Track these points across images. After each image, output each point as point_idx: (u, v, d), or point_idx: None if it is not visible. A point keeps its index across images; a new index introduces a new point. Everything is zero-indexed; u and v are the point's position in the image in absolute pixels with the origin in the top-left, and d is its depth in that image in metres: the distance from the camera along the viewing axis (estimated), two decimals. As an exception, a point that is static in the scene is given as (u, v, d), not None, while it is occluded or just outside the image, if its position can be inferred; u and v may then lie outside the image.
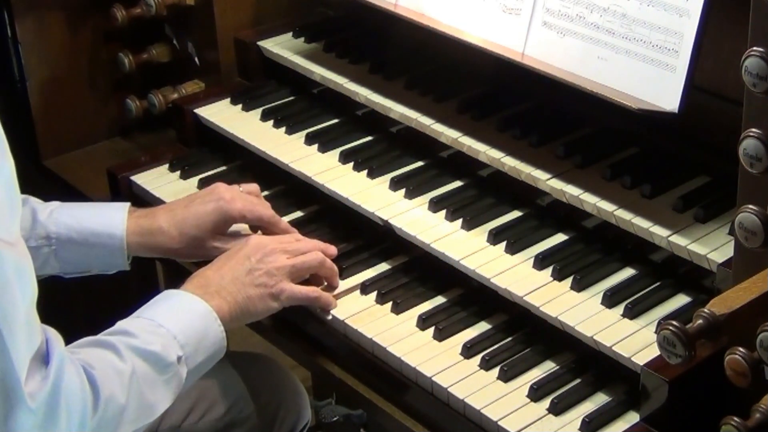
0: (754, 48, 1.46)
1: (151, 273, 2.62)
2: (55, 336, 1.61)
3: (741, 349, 1.44)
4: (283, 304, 1.97)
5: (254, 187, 2.18)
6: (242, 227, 2.14)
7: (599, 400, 1.79)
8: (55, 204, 2.10)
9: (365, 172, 2.24)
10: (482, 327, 1.94)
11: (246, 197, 2.12)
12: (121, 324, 1.80)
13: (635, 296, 1.87)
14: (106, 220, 2.07)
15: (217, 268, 1.95)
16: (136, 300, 1.87)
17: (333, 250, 2.08)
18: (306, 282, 2.02)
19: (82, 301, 2.84)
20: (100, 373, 1.65)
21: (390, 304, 1.99)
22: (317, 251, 2.03)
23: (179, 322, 1.81)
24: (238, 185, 2.15)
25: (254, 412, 2.26)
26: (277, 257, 1.98)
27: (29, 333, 1.54)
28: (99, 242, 2.06)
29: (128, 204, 2.12)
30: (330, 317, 1.99)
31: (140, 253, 2.10)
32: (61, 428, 1.58)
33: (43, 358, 1.57)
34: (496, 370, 1.84)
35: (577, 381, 1.82)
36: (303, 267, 2.00)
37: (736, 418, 1.42)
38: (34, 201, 2.08)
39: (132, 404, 1.69)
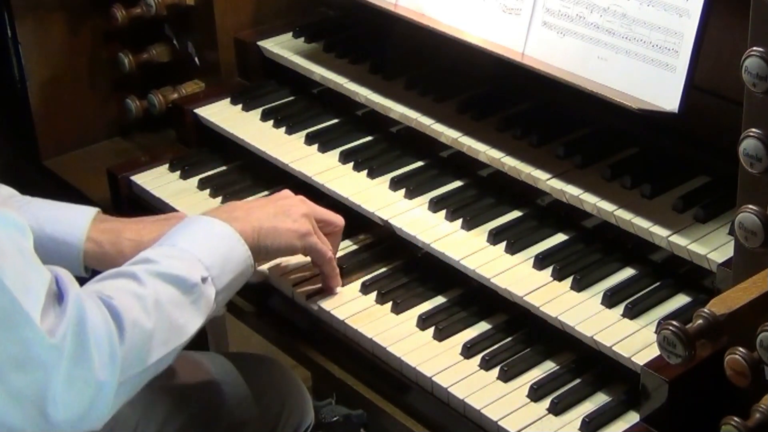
0: (754, 48, 1.46)
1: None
2: (65, 274, 1.60)
3: (741, 349, 1.45)
4: (304, 245, 1.97)
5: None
6: None
7: (599, 400, 1.79)
8: (28, 199, 2.02)
9: (365, 172, 2.24)
10: (482, 327, 1.94)
11: None
12: (143, 253, 1.79)
13: (635, 296, 1.87)
14: (68, 226, 1.96)
15: (247, 201, 1.98)
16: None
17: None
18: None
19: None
20: (120, 302, 1.64)
21: (390, 304, 1.99)
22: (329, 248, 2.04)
23: (202, 245, 1.82)
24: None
25: (258, 414, 2.26)
26: (303, 209, 1.99)
27: (30, 272, 1.54)
28: (56, 249, 1.94)
29: (96, 210, 2.00)
30: (330, 317, 1.99)
31: (95, 266, 1.95)
32: (94, 362, 1.58)
33: (56, 296, 1.57)
34: (496, 370, 1.84)
35: (577, 381, 1.82)
36: (317, 245, 1.99)
37: (736, 418, 1.42)
38: (12, 191, 2.01)
39: (160, 327, 1.68)
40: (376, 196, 2.18)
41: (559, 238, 2.04)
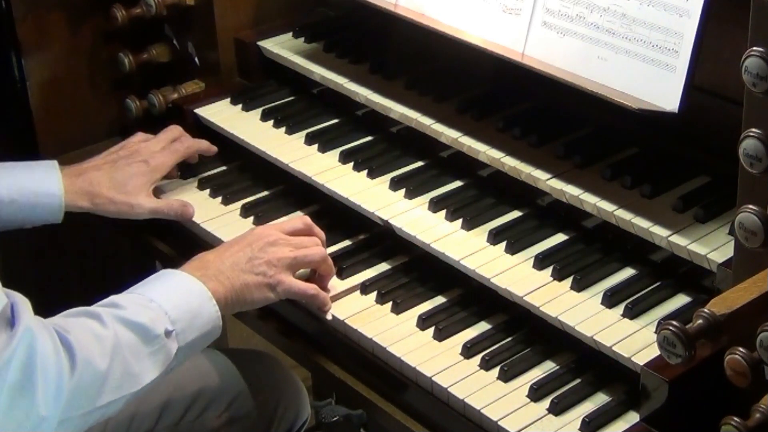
0: (754, 48, 1.45)
1: (149, 258, 2.64)
2: (21, 300, 1.61)
3: (741, 349, 1.44)
4: (279, 295, 1.98)
5: (175, 131, 2.37)
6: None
7: (599, 400, 1.79)
8: None
9: (365, 172, 2.24)
10: (482, 327, 1.94)
11: (166, 156, 2.28)
12: (111, 298, 1.81)
13: (635, 296, 1.87)
14: (43, 179, 2.18)
15: (219, 253, 1.97)
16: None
17: (322, 236, 2.10)
18: (306, 279, 2.03)
19: (77, 286, 2.86)
20: (76, 337, 1.65)
21: (390, 304, 1.99)
22: (320, 247, 2.04)
23: (172, 299, 1.82)
24: (144, 134, 2.36)
25: (254, 409, 2.27)
26: (279, 248, 1.98)
27: None
28: (39, 201, 2.16)
29: (56, 162, 2.23)
30: (330, 317, 1.99)
31: (73, 209, 2.20)
32: (37, 395, 1.58)
33: (9, 321, 1.57)
34: (496, 370, 1.84)
35: (577, 381, 1.82)
36: (304, 261, 2.00)
37: (736, 418, 1.42)
38: None
39: (115, 371, 1.69)
40: (376, 196, 2.18)
41: (559, 238, 2.04)
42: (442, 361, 1.87)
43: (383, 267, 2.10)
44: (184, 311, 1.82)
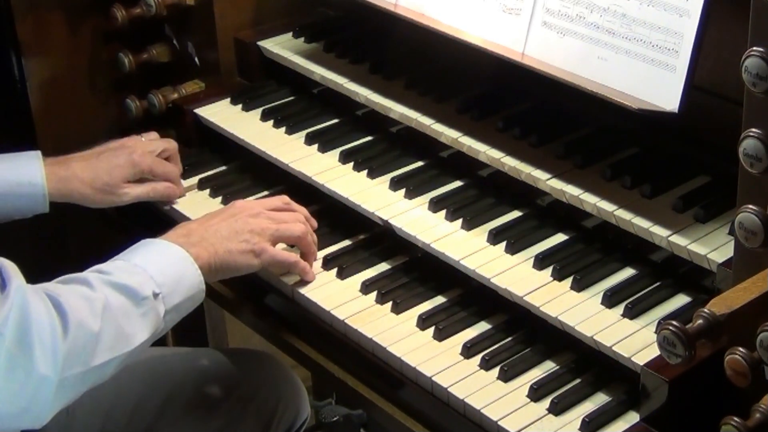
0: (754, 48, 1.46)
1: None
2: (9, 264, 1.62)
3: (741, 349, 1.44)
4: (263, 263, 2.00)
5: (153, 134, 2.37)
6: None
7: (599, 400, 1.79)
8: None
9: (365, 172, 2.24)
10: (482, 327, 1.94)
11: (154, 159, 2.27)
12: (96, 266, 1.82)
13: (635, 296, 1.87)
14: (25, 169, 2.17)
15: (202, 221, 2.00)
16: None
17: (314, 223, 2.12)
18: None
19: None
20: (66, 300, 1.67)
21: (390, 304, 1.99)
22: (301, 223, 2.06)
23: (156, 264, 1.84)
24: (140, 136, 2.34)
25: (253, 408, 2.27)
26: (261, 220, 2.01)
27: None
28: (22, 191, 2.16)
29: (39, 152, 2.22)
30: (330, 317, 1.99)
31: (57, 198, 2.19)
32: (35, 352, 1.59)
33: (0, 283, 1.58)
34: (496, 370, 1.84)
35: (577, 381, 1.82)
36: (285, 233, 2.04)
37: (736, 418, 1.42)
38: None
39: (107, 331, 1.70)
40: (376, 196, 2.18)
41: (559, 238, 2.04)
42: (442, 361, 1.87)
43: (383, 267, 2.10)
44: (169, 275, 1.84)
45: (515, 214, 2.11)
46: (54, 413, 1.66)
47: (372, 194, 2.18)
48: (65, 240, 2.80)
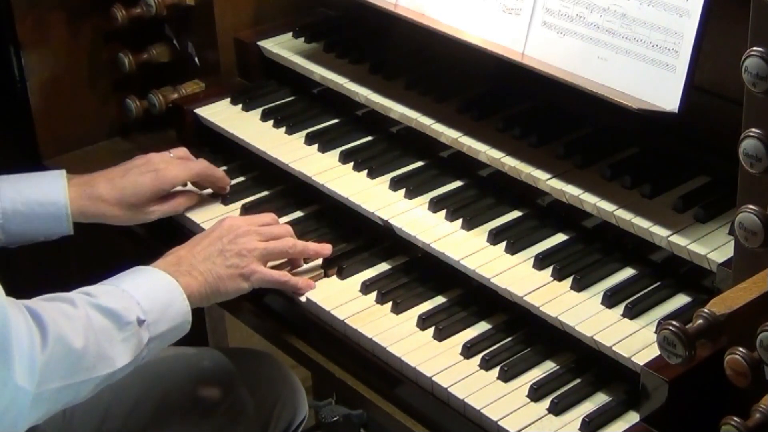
0: (754, 48, 1.46)
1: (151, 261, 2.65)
2: None
3: (741, 349, 1.45)
4: (253, 285, 2.01)
5: (183, 150, 2.30)
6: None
7: (599, 400, 1.79)
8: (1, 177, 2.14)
9: (365, 172, 2.24)
10: (482, 327, 1.94)
11: (178, 162, 2.23)
12: (84, 288, 1.82)
13: (635, 296, 1.87)
14: (48, 189, 2.14)
15: (190, 247, 2.00)
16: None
17: (327, 250, 2.10)
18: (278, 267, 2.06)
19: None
20: (48, 315, 1.67)
21: (390, 304, 1.99)
22: (288, 237, 2.07)
23: (144, 290, 1.85)
24: (168, 151, 2.27)
25: (252, 408, 2.27)
26: (249, 239, 2.02)
27: None
28: (44, 212, 2.12)
29: (64, 171, 2.19)
30: (330, 317, 1.99)
31: (81, 219, 2.17)
32: (14, 363, 1.59)
33: None
34: (496, 370, 1.84)
35: (577, 381, 1.82)
36: (274, 251, 2.04)
37: (736, 418, 1.42)
38: None
39: (87, 350, 1.71)
40: (376, 196, 2.18)
41: (559, 238, 2.04)
42: (442, 361, 1.87)
43: (383, 267, 2.10)
44: (156, 303, 1.85)
45: (515, 214, 2.11)
46: (27, 427, 1.66)
47: (372, 194, 2.18)
48: (68, 259, 2.80)
